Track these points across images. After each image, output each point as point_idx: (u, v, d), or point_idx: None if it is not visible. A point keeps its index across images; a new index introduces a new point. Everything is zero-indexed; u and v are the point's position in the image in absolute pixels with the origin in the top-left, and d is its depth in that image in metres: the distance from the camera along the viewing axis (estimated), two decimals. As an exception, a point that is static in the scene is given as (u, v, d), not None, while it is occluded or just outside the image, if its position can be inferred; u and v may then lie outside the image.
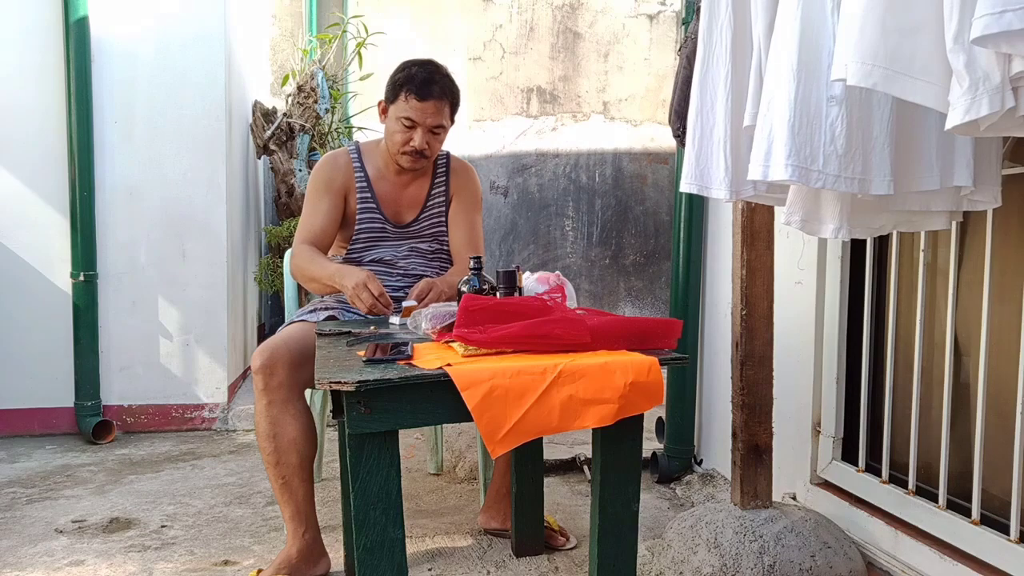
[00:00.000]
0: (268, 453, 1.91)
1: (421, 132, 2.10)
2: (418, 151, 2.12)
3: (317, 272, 2.07)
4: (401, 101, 2.09)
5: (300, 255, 2.14)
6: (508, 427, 1.29)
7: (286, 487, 1.92)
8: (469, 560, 2.06)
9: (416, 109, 2.08)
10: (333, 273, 2.02)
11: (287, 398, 1.88)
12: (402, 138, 2.11)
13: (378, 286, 1.92)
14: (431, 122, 2.10)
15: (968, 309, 1.70)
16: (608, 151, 4.78)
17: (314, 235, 2.18)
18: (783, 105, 1.16)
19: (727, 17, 1.42)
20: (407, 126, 2.10)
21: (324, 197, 2.19)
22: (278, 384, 1.86)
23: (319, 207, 2.19)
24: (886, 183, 1.18)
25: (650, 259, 4.85)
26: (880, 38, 0.99)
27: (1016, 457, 1.52)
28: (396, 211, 2.25)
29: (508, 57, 4.67)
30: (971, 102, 0.91)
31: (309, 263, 2.10)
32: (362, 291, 1.90)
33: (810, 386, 2.11)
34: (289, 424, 1.90)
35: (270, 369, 1.85)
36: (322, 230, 2.19)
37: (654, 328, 1.51)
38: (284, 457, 1.90)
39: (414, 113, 2.08)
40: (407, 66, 2.14)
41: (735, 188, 1.45)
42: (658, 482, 2.67)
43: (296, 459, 1.91)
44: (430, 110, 2.09)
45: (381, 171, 2.24)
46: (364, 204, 2.22)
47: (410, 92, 2.07)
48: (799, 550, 1.72)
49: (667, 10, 4.78)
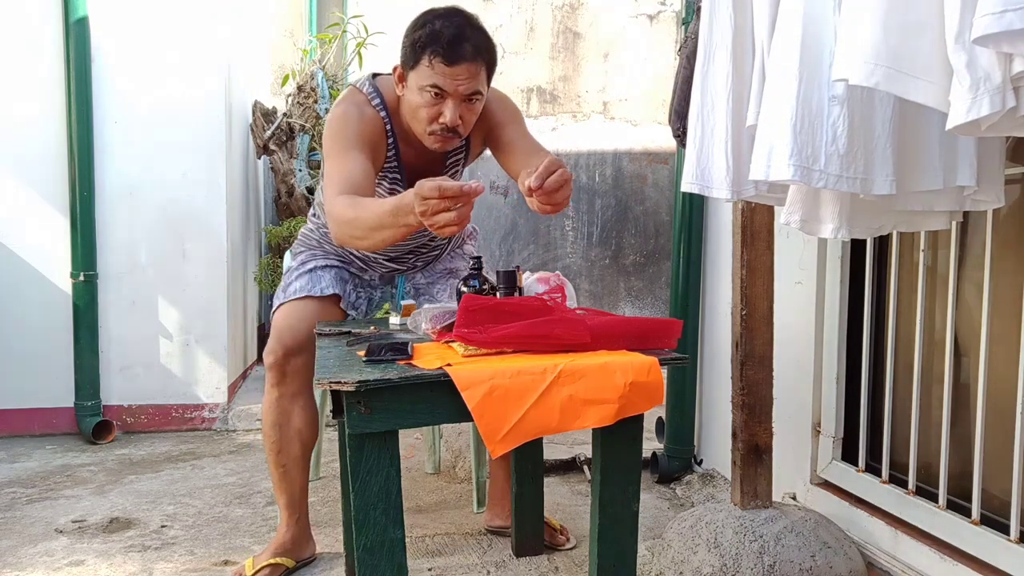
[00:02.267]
0: (272, 441, 1.93)
1: (453, 104, 1.71)
2: (451, 128, 1.74)
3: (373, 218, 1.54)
4: (424, 67, 1.69)
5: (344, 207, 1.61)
6: (508, 427, 1.29)
7: (286, 476, 1.96)
8: (469, 560, 2.06)
9: (445, 75, 1.68)
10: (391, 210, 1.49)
11: (298, 391, 1.90)
12: (429, 113, 1.73)
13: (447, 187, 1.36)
14: (464, 89, 1.70)
15: (968, 309, 1.70)
16: (608, 151, 4.78)
17: (353, 185, 1.69)
18: (785, 105, 1.16)
19: (727, 17, 1.41)
20: (435, 97, 1.71)
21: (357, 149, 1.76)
22: (292, 378, 1.87)
23: (354, 157, 1.74)
24: (888, 183, 1.18)
25: (650, 259, 4.85)
26: (882, 37, 0.99)
27: (1016, 457, 1.52)
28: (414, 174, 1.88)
29: (508, 57, 4.67)
30: (972, 102, 0.91)
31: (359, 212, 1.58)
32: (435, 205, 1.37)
33: (810, 386, 2.11)
34: (297, 415, 1.91)
35: (283, 364, 1.85)
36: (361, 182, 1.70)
37: (654, 328, 1.50)
38: (288, 447, 1.93)
39: (443, 80, 1.68)
40: (428, 19, 1.71)
41: (736, 188, 1.44)
42: (658, 482, 2.67)
43: (299, 450, 1.95)
44: (462, 75, 1.68)
45: (406, 132, 1.86)
46: (390, 174, 1.89)
47: (435, 55, 1.66)
48: (799, 550, 1.72)
49: (667, 10, 4.78)
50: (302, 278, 2.00)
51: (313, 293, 1.96)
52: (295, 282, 2.00)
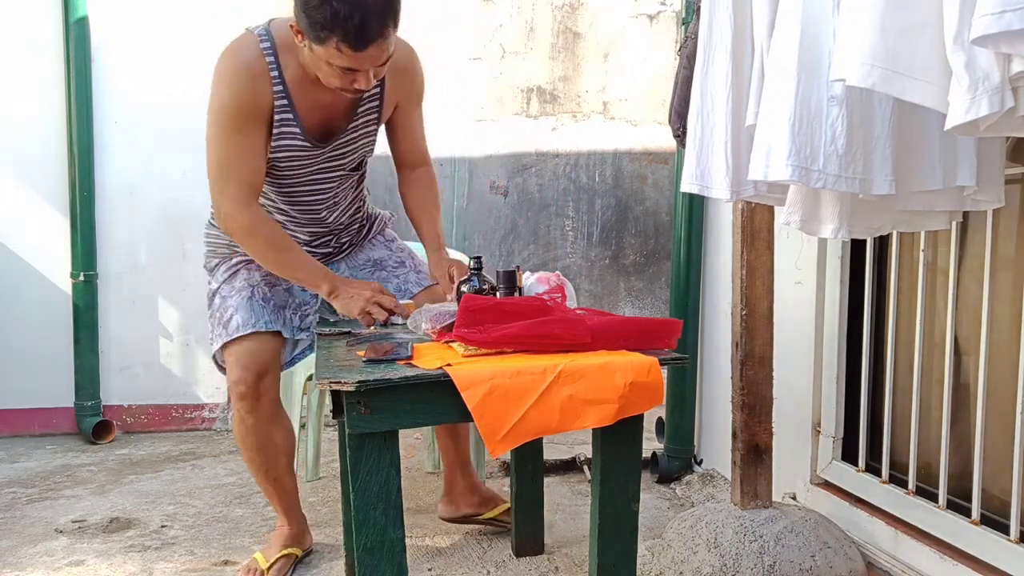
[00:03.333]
0: (258, 464, 1.94)
1: (365, 75, 1.63)
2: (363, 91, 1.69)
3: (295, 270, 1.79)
4: (332, 49, 1.57)
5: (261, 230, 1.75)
6: (508, 427, 1.29)
7: (278, 486, 1.99)
8: (469, 560, 2.06)
9: (354, 59, 1.58)
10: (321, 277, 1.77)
11: (271, 415, 1.89)
12: (340, 83, 1.64)
13: (391, 300, 1.73)
14: (376, 63, 1.62)
15: (968, 309, 1.70)
16: (608, 151, 4.78)
17: (254, 186, 1.74)
18: (784, 105, 1.16)
19: (727, 17, 1.41)
20: (345, 72, 1.62)
21: (249, 128, 1.71)
22: (265, 400, 1.85)
23: (245, 144, 1.71)
24: (887, 183, 1.18)
25: (650, 259, 4.85)
26: (879, 38, 0.99)
27: (1016, 457, 1.52)
28: (318, 124, 1.80)
29: (508, 57, 4.67)
30: (971, 102, 0.91)
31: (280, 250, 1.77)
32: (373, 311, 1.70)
33: (810, 386, 2.11)
34: (276, 434, 1.92)
35: (256, 389, 1.82)
36: (258, 172, 1.75)
37: (654, 328, 1.51)
38: (274, 464, 1.95)
39: (353, 63, 1.59)
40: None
41: (736, 188, 1.45)
42: (658, 482, 2.67)
43: (285, 461, 1.97)
44: (373, 54, 1.58)
45: (302, 73, 1.73)
46: (283, 124, 1.75)
47: (342, 42, 1.54)
48: (799, 550, 1.72)
49: (667, 10, 4.78)
50: (242, 311, 1.86)
51: (259, 328, 1.85)
52: (236, 315, 1.86)
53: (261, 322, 1.85)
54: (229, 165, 1.72)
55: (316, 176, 1.89)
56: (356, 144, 1.90)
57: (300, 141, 1.79)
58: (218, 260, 1.99)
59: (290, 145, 1.79)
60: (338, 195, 1.98)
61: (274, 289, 1.94)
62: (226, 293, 1.91)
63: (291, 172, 1.86)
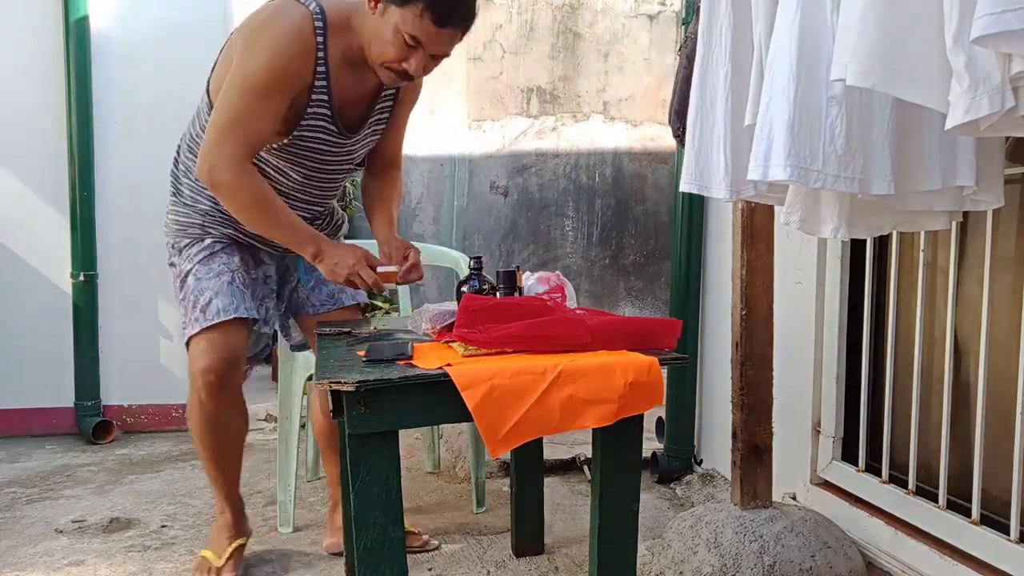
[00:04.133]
0: (212, 451, 1.89)
1: (422, 56, 1.66)
2: (410, 75, 1.70)
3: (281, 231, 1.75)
4: (412, 15, 1.60)
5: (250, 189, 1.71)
6: (508, 427, 1.29)
7: (227, 472, 1.96)
8: (469, 560, 2.06)
9: (428, 33, 1.61)
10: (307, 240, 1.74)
11: (233, 401, 1.86)
12: (396, 54, 1.65)
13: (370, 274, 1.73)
14: (439, 50, 1.68)
15: (968, 309, 1.70)
16: (608, 151, 4.78)
17: (255, 148, 1.72)
18: (782, 105, 1.16)
19: (727, 17, 1.41)
20: (408, 45, 1.64)
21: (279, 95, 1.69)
22: (231, 388, 1.82)
23: (269, 108, 1.68)
24: (886, 183, 1.18)
25: (650, 259, 4.85)
26: (879, 38, 0.99)
27: (1016, 457, 1.52)
28: (347, 114, 1.82)
29: (508, 57, 4.67)
30: (971, 102, 0.91)
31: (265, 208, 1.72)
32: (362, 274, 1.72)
33: (810, 386, 2.11)
34: (235, 420, 1.89)
35: (224, 377, 1.78)
36: (265, 140, 1.74)
37: (654, 328, 1.51)
38: (228, 450, 1.92)
39: (424, 36, 1.62)
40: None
41: (735, 188, 1.45)
42: (658, 482, 2.67)
43: (238, 447, 1.96)
44: (444, 38, 1.65)
45: (343, 57, 1.74)
46: (318, 106, 1.75)
47: (429, 11, 1.59)
48: (799, 550, 1.72)
49: (667, 10, 4.78)
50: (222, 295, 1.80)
51: (240, 314, 1.79)
52: (215, 300, 1.79)
53: (243, 308, 1.80)
54: (244, 122, 1.67)
55: (332, 167, 1.89)
56: (370, 139, 1.93)
57: (330, 126, 1.78)
58: (189, 240, 1.90)
59: (319, 126, 1.77)
60: (337, 188, 2.02)
61: (248, 276, 1.90)
62: (201, 275, 1.83)
63: (313, 156, 1.83)
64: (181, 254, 1.90)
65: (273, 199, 1.74)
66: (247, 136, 1.68)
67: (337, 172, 1.93)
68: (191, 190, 1.91)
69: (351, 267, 1.72)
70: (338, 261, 1.73)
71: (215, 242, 1.89)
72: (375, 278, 1.74)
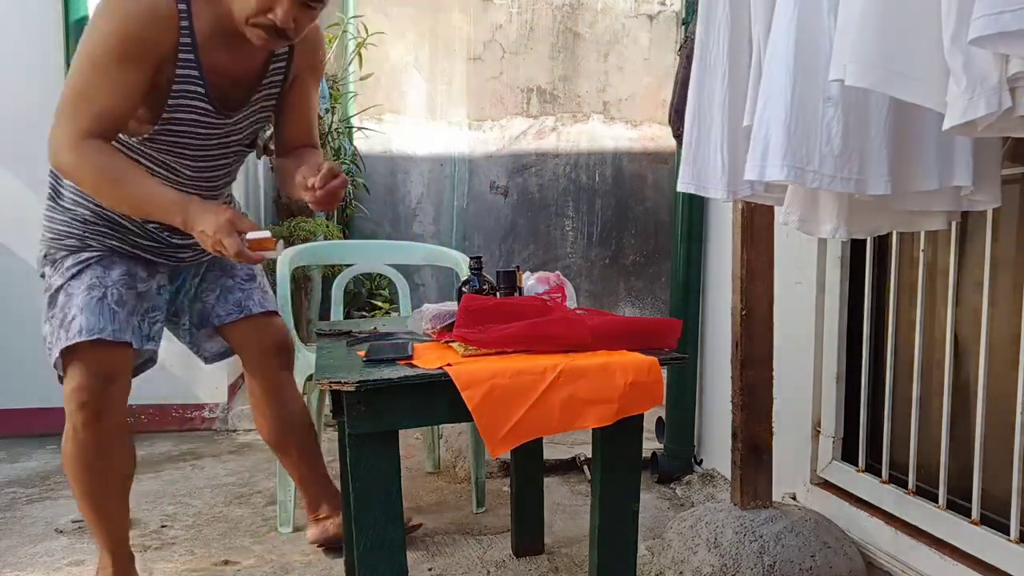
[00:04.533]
0: (86, 487, 1.68)
1: (288, 5, 1.47)
2: (278, 29, 1.50)
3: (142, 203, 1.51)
4: None
5: (93, 163, 1.48)
6: (508, 427, 1.30)
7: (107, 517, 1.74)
8: (469, 560, 2.06)
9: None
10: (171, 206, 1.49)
11: (114, 432, 1.66)
12: (259, 4, 1.47)
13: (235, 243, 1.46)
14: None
15: (968, 309, 1.70)
16: (608, 151, 4.78)
17: (104, 125, 1.49)
18: (779, 105, 1.16)
19: (724, 17, 1.42)
20: None
21: (130, 66, 1.47)
22: (110, 411, 1.64)
23: (119, 80, 1.47)
24: (883, 183, 1.19)
25: (650, 259, 4.85)
26: (877, 38, 0.99)
27: (1016, 457, 1.52)
28: (223, 91, 1.63)
29: (508, 57, 4.67)
30: (968, 103, 0.91)
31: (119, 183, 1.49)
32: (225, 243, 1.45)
33: (810, 386, 2.11)
34: (119, 452, 1.70)
35: (101, 398, 1.61)
36: (118, 117, 1.51)
37: (654, 328, 1.51)
38: (106, 489, 1.71)
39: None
40: None
41: (732, 188, 1.45)
42: (658, 482, 2.67)
43: (120, 489, 1.75)
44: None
45: (213, 28, 1.55)
46: (186, 82, 1.55)
47: None
48: (799, 550, 1.72)
49: (667, 10, 4.78)
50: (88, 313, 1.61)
51: (105, 336, 1.61)
52: (79, 317, 1.61)
53: (109, 330, 1.61)
54: (89, 96, 1.47)
55: (215, 150, 1.71)
56: (256, 116, 1.74)
57: (203, 104, 1.60)
58: (65, 252, 1.70)
59: (191, 106, 1.58)
60: (231, 173, 1.84)
61: (128, 292, 1.70)
62: (73, 290, 1.64)
63: (189, 140, 1.65)
64: (55, 267, 1.70)
65: (125, 170, 1.51)
66: (92, 113, 1.47)
67: (223, 156, 1.75)
68: (73, 193, 1.70)
69: (212, 235, 1.46)
70: (203, 228, 1.47)
71: (93, 256, 1.69)
72: (239, 247, 1.46)
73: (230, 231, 1.45)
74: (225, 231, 1.45)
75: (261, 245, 1.49)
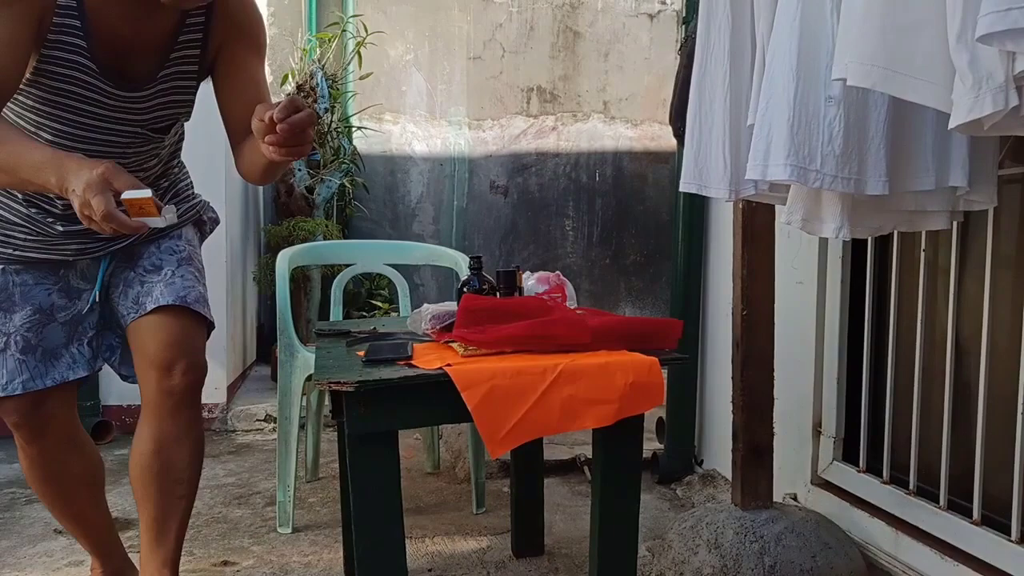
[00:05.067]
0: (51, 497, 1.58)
1: None
2: None
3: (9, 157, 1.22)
4: None
5: None
6: (508, 427, 1.29)
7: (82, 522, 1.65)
8: (469, 560, 2.06)
9: None
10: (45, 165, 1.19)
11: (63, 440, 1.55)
12: None
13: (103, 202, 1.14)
14: None
15: (969, 309, 1.70)
16: (608, 151, 4.78)
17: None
18: (782, 105, 1.16)
19: (725, 17, 1.41)
20: None
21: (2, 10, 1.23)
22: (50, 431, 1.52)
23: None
24: (881, 183, 1.19)
25: (650, 259, 4.85)
26: (879, 38, 0.98)
27: (1017, 457, 1.51)
28: (119, 60, 1.36)
29: (508, 56, 4.67)
30: (975, 100, 0.90)
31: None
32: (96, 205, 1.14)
33: (811, 386, 2.11)
34: (72, 462, 1.58)
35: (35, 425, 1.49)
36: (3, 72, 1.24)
37: (654, 328, 1.50)
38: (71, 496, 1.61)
39: None
40: None
41: (735, 187, 1.44)
42: (658, 482, 2.67)
43: (87, 493, 1.63)
44: None
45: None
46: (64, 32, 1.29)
47: None
48: (800, 551, 1.72)
49: (667, 9, 4.78)
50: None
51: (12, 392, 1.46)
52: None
53: (16, 383, 1.45)
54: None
55: (104, 127, 1.41)
56: (166, 98, 1.45)
57: (88, 76, 1.32)
58: None
59: (71, 61, 1.31)
60: (129, 161, 1.46)
61: (45, 331, 1.49)
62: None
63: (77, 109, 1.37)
64: None
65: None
66: None
67: (114, 139, 1.43)
68: None
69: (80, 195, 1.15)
70: (74, 187, 1.16)
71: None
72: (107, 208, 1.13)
73: (102, 188, 1.14)
74: (96, 188, 1.13)
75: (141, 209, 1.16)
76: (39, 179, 1.21)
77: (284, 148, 1.21)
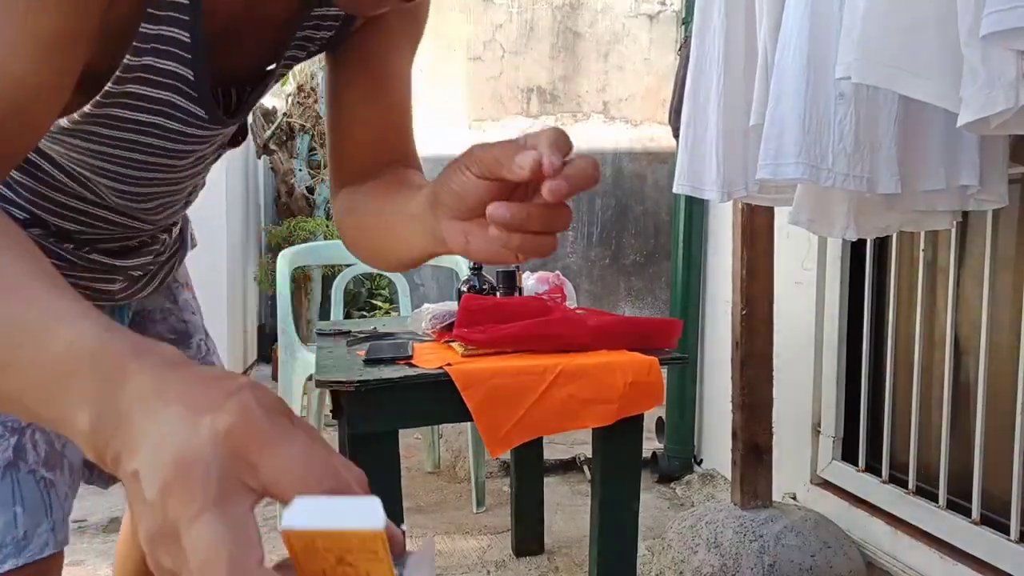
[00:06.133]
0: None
1: None
2: None
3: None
4: None
5: None
6: (508, 427, 1.29)
7: None
8: (469, 560, 2.06)
9: None
10: (65, 360, 0.40)
11: None
12: None
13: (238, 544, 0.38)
14: None
15: (968, 309, 1.70)
16: (608, 151, 4.78)
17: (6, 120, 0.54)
18: (793, 103, 1.15)
19: (719, 21, 1.41)
20: None
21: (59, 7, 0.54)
22: None
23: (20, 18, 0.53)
24: (893, 182, 1.18)
25: (650, 259, 4.85)
26: (883, 35, 0.98)
27: (1016, 457, 1.52)
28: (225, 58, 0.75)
29: (508, 57, 4.67)
30: (986, 98, 0.90)
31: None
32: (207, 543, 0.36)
33: (810, 386, 2.11)
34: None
35: None
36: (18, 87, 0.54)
37: (654, 328, 1.51)
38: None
39: None
40: None
41: (727, 189, 1.45)
42: (658, 482, 2.67)
43: None
44: None
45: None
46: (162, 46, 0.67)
47: None
48: (799, 550, 1.72)
49: (667, 10, 4.78)
50: None
51: (45, 553, 0.88)
52: None
53: (50, 540, 0.90)
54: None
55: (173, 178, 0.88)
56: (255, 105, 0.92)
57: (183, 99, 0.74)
58: None
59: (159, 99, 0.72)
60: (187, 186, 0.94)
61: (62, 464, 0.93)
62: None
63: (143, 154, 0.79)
64: None
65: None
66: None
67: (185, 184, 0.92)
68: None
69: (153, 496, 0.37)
70: (139, 469, 0.38)
71: None
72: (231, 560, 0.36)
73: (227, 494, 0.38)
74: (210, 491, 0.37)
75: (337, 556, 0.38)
76: (46, 404, 0.44)
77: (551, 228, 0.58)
